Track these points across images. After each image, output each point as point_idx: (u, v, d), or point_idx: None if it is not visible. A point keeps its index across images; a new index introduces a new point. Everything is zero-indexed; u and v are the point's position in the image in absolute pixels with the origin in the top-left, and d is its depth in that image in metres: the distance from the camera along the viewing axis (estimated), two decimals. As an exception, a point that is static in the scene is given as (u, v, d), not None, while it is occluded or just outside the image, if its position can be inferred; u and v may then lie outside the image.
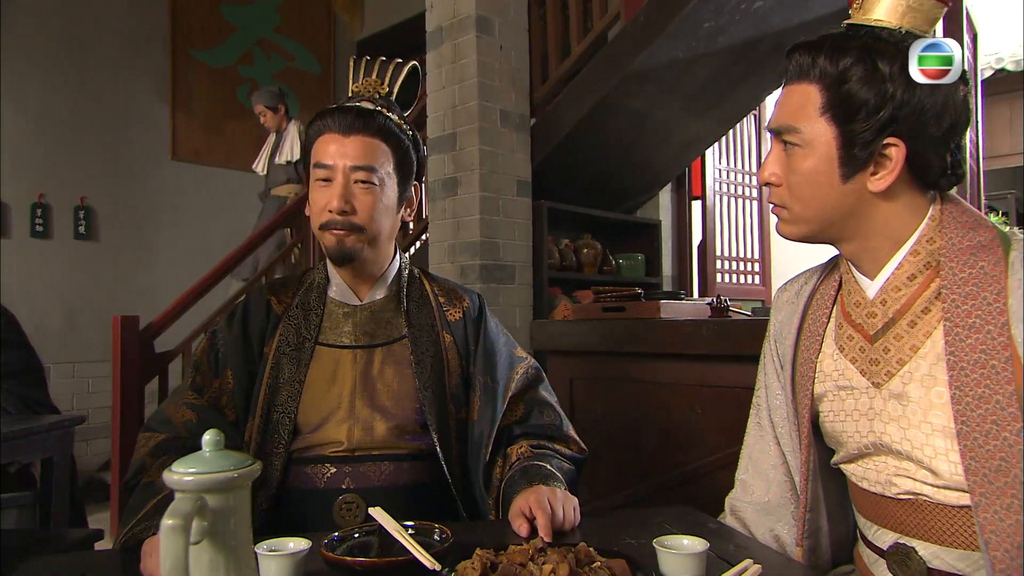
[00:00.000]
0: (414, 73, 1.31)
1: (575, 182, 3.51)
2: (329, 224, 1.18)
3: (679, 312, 2.05)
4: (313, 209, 1.21)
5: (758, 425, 1.13)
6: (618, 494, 2.11)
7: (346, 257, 1.19)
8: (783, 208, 0.97)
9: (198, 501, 0.48)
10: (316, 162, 1.19)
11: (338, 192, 1.16)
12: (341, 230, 1.17)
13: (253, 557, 0.55)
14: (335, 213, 1.17)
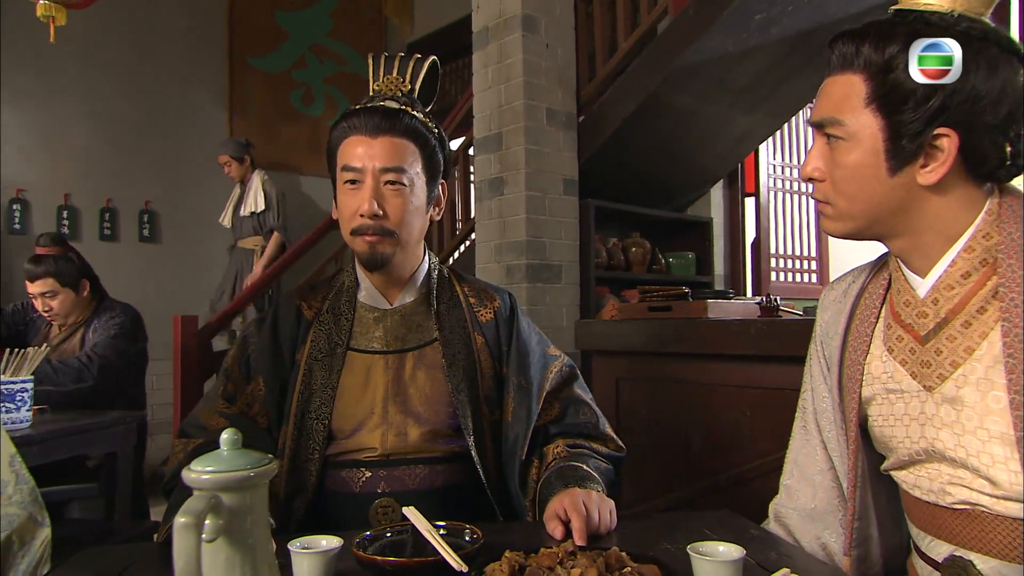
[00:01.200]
0: (433, 69, 1.28)
1: (623, 180, 3.47)
2: (361, 229, 1.16)
3: (727, 312, 2.00)
4: (343, 214, 1.19)
5: (804, 429, 1.09)
6: (664, 497, 2.07)
7: (379, 263, 1.18)
8: (827, 204, 0.93)
9: (212, 499, 0.49)
10: (344, 165, 1.17)
11: (368, 195, 1.14)
12: (373, 235, 1.15)
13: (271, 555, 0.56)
14: (367, 217, 1.15)
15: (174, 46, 5.00)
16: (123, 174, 4.74)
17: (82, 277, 2.57)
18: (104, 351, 2.48)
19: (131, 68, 4.80)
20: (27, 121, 4.47)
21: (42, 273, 2.48)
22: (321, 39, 5.76)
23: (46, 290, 2.49)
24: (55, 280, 2.49)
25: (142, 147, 4.82)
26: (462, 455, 1.18)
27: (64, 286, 2.51)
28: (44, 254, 2.55)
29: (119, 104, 4.75)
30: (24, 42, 4.28)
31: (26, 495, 0.89)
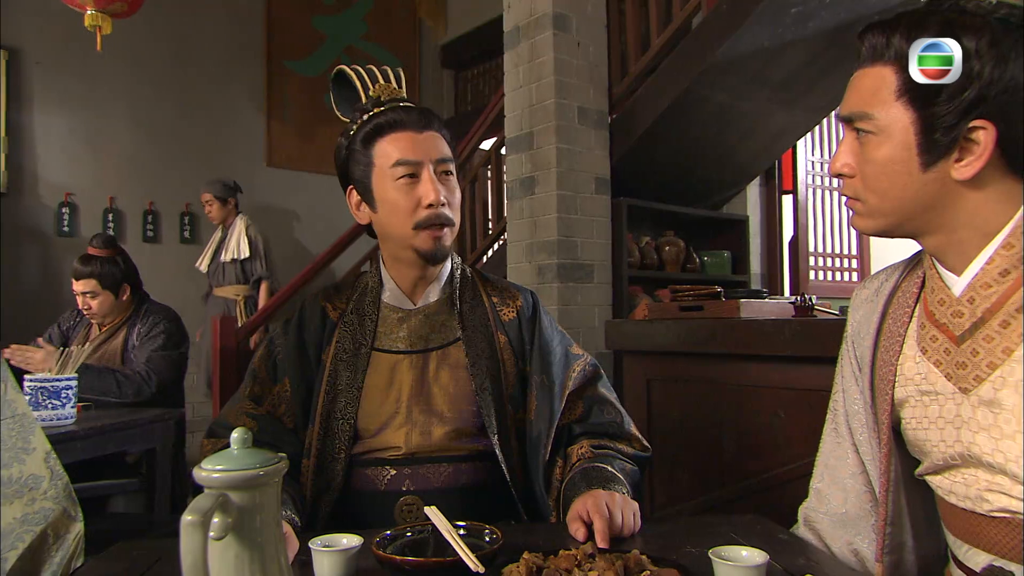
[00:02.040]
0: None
1: (656, 178, 3.44)
2: (427, 221, 1.14)
3: (760, 311, 1.96)
4: (401, 209, 1.15)
5: (835, 431, 1.06)
6: (695, 499, 2.04)
7: (442, 255, 1.18)
8: (857, 201, 0.91)
9: (220, 498, 0.49)
10: (400, 160, 1.15)
11: (433, 185, 1.14)
12: (441, 227, 1.15)
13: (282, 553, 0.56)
14: (435, 206, 1.14)
15: (214, 52, 5.12)
16: (165, 177, 4.87)
17: (123, 282, 2.64)
18: (159, 366, 2.57)
19: (173, 74, 4.93)
20: (75, 127, 4.62)
21: (86, 273, 2.57)
22: (356, 41, 5.83)
23: (87, 290, 2.57)
24: (97, 282, 2.57)
25: (183, 151, 4.94)
26: (486, 454, 1.18)
27: (104, 288, 2.58)
28: (93, 255, 2.63)
29: (162, 109, 4.88)
30: (72, 51, 4.42)
31: (60, 490, 0.92)
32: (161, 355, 2.59)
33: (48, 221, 4.52)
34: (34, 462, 0.89)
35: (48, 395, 2.05)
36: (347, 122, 1.24)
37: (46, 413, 2.04)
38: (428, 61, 6.28)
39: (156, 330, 2.63)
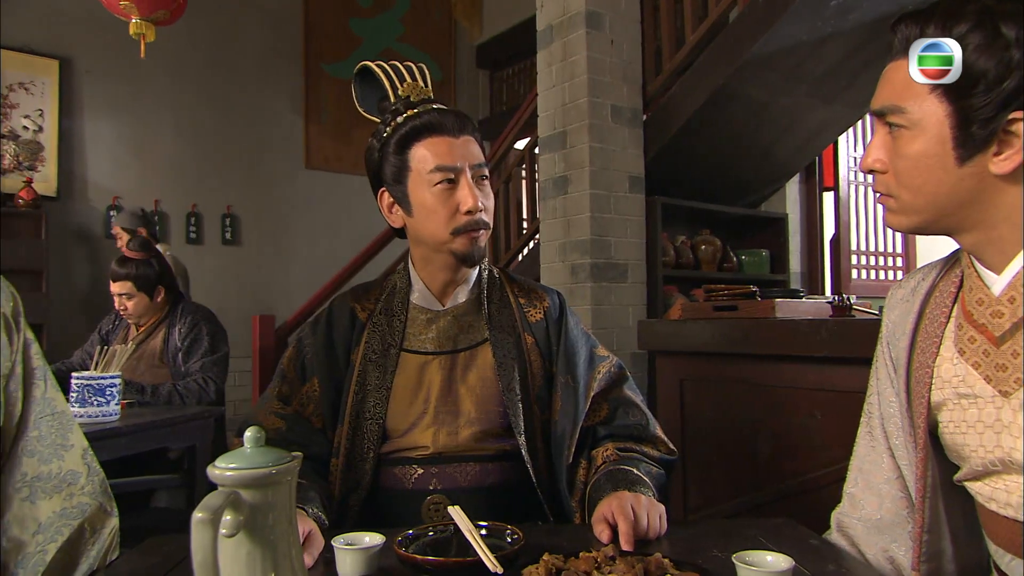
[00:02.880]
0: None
1: (692, 176, 3.39)
2: (467, 227, 1.15)
3: (796, 311, 1.92)
4: (439, 214, 1.15)
5: (869, 434, 1.03)
6: (730, 502, 2.01)
7: (478, 258, 1.19)
8: (890, 197, 0.88)
9: (231, 496, 0.50)
10: (438, 165, 1.14)
11: (472, 191, 1.14)
12: (478, 231, 1.16)
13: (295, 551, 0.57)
14: (475, 213, 1.14)
15: (254, 58, 5.22)
16: (207, 180, 4.99)
17: (158, 283, 2.70)
18: (214, 372, 2.67)
19: (214, 80, 5.05)
20: (122, 133, 4.76)
21: (123, 276, 2.64)
22: (393, 44, 5.89)
23: (123, 291, 2.65)
24: (132, 284, 2.64)
25: (224, 154, 5.06)
26: (513, 454, 1.18)
27: (139, 290, 2.66)
28: (128, 258, 2.71)
29: (203, 114, 5.00)
30: (119, 59, 4.56)
31: (97, 486, 0.94)
32: (212, 361, 2.68)
33: (96, 224, 4.67)
34: (72, 458, 0.92)
35: (93, 392, 2.11)
36: (373, 120, 1.25)
37: (92, 410, 2.10)
38: (463, 62, 6.31)
39: (198, 332, 2.70)
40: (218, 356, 2.71)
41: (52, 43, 4.56)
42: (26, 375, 0.89)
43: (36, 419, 0.88)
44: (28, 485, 0.86)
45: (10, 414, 0.86)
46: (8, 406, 0.85)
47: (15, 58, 4.49)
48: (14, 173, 4.48)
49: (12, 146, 4.50)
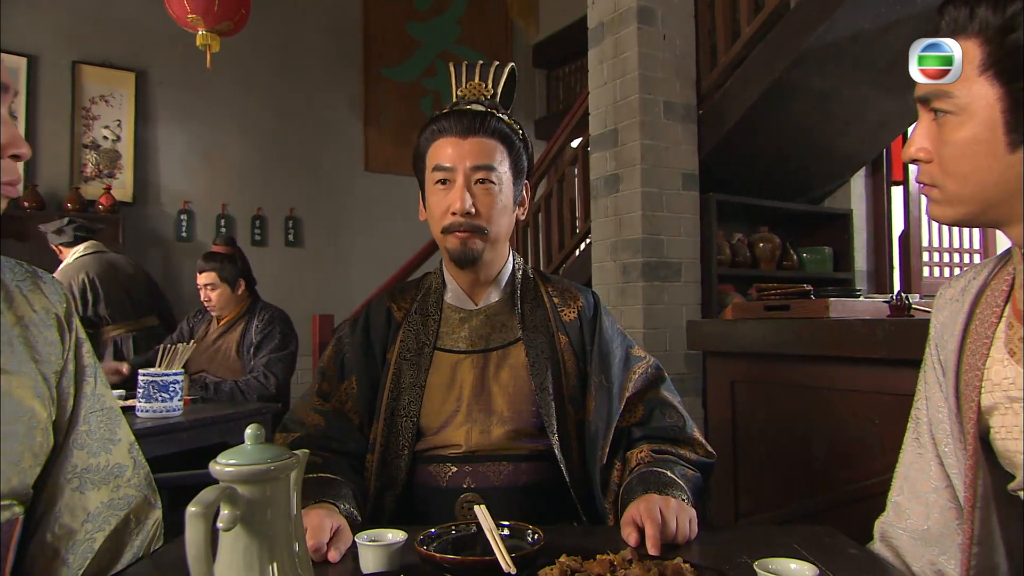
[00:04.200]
0: (512, 75, 1.31)
1: (749, 172, 3.30)
2: (452, 227, 1.18)
3: (852, 311, 1.84)
4: (433, 214, 1.21)
5: (916, 441, 0.98)
6: (782, 508, 1.94)
7: (469, 260, 1.20)
8: (934, 187, 0.83)
9: (226, 491, 0.52)
10: (436, 165, 1.19)
11: (460, 193, 1.16)
12: (465, 232, 1.17)
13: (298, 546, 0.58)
14: (459, 215, 1.16)
15: (315, 63, 5.37)
16: (271, 184, 5.16)
17: (239, 277, 2.90)
18: (276, 368, 2.81)
19: (278, 86, 5.22)
20: (192, 140, 4.97)
21: (208, 267, 2.86)
22: (450, 46, 5.95)
23: (208, 282, 2.86)
24: (216, 275, 2.85)
25: (287, 158, 5.22)
26: (547, 454, 1.17)
27: (223, 281, 2.86)
28: (215, 252, 2.93)
29: (267, 119, 5.17)
30: (189, 70, 4.76)
31: (142, 479, 0.98)
32: (277, 357, 2.82)
33: (168, 227, 4.89)
34: (119, 452, 0.96)
35: (158, 388, 2.21)
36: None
37: (156, 405, 2.20)
38: (520, 62, 6.30)
39: (272, 329, 2.86)
40: (284, 353, 2.84)
41: (129, 57, 4.80)
42: (77, 372, 0.93)
43: (86, 414, 0.93)
44: (78, 476, 0.90)
45: (62, 409, 0.90)
46: (61, 401, 0.90)
47: (96, 72, 4.75)
48: (95, 181, 4.74)
49: (93, 155, 4.76)
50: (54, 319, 0.91)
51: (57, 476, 0.89)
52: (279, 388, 2.79)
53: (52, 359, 0.88)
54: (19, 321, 0.86)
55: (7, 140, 0.78)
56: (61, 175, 4.64)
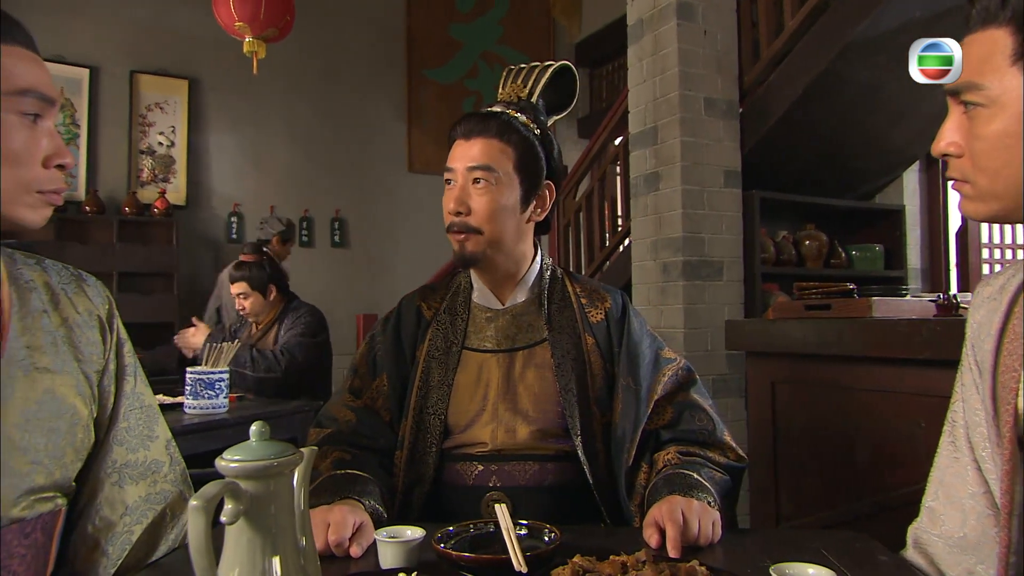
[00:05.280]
0: (563, 73, 1.30)
1: (794, 169, 3.23)
2: (450, 227, 1.21)
3: (897, 310, 1.78)
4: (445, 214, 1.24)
5: (952, 444, 0.94)
6: (825, 512, 1.89)
7: (467, 260, 1.21)
8: (966, 183, 0.80)
9: (228, 485, 0.53)
10: (445, 167, 1.23)
11: (455, 194, 1.19)
12: (460, 233, 1.19)
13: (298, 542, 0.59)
14: (452, 214, 1.19)
15: (359, 66, 5.47)
16: (317, 186, 5.28)
17: (270, 283, 2.94)
18: (292, 349, 2.82)
19: (323, 90, 5.33)
20: (241, 144, 5.12)
21: (239, 277, 2.89)
22: (492, 47, 5.98)
23: (240, 292, 2.90)
24: (247, 284, 2.89)
25: (333, 161, 5.33)
26: (572, 455, 1.17)
27: (254, 289, 2.90)
28: (244, 261, 2.97)
29: (314, 123, 5.29)
30: (239, 76, 4.90)
31: (178, 475, 1.02)
32: (297, 340, 2.85)
33: (219, 229, 5.04)
34: (157, 449, 1.00)
35: (204, 386, 2.28)
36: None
37: (202, 402, 2.27)
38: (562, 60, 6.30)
39: (299, 321, 2.92)
40: (307, 340, 2.86)
41: (182, 65, 4.97)
42: (118, 371, 0.97)
43: (126, 411, 0.96)
44: (117, 471, 0.94)
45: (103, 407, 0.94)
46: (102, 399, 0.94)
47: (152, 81, 4.93)
48: (151, 185, 4.92)
49: (149, 160, 4.95)
50: (96, 320, 0.95)
51: (98, 471, 0.93)
52: (290, 369, 2.78)
53: (94, 359, 0.92)
54: (64, 322, 0.90)
55: (53, 150, 0.82)
56: (120, 180, 4.83)
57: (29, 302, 0.87)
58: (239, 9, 3.43)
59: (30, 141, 0.79)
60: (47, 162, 0.81)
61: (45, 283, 0.91)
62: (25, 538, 0.80)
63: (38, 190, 0.80)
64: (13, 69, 0.77)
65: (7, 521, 0.78)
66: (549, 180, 1.26)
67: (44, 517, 0.83)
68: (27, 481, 0.80)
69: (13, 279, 0.87)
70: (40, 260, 0.93)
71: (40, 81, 0.80)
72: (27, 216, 0.81)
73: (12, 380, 0.80)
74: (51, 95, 0.81)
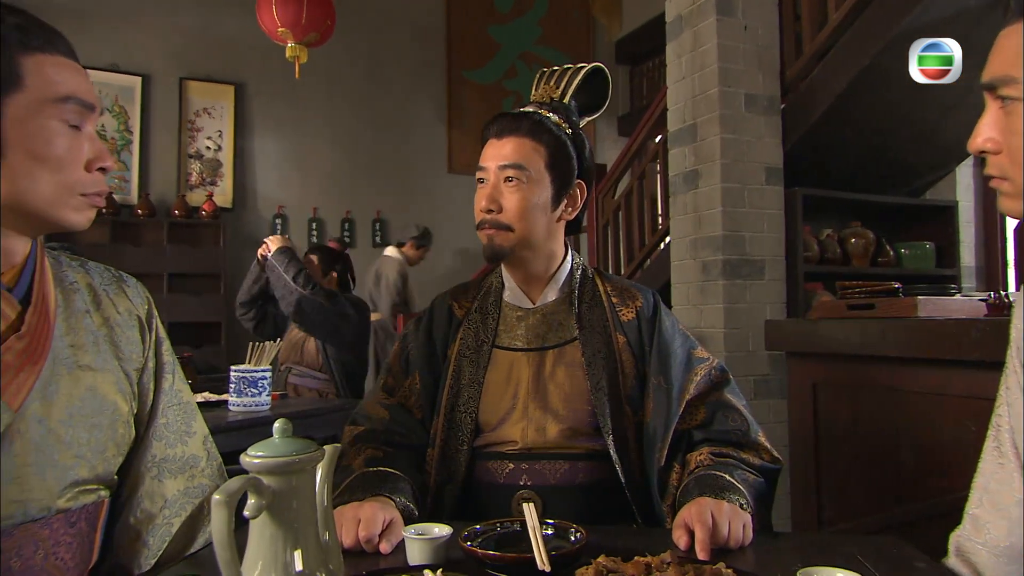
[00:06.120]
0: (595, 74, 1.31)
1: (838, 165, 3.15)
2: (481, 223, 1.22)
3: (944, 310, 1.72)
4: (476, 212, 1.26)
5: (997, 450, 0.91)
6: (869, 517, 1.84)
7: (495, 255, 1.22)
8: (1004, 180, 0.78)
9: (251, 481, 0.55)
10: (477, 167, 1.25)
11: (487, 192, 1.21)
12: (491, 229, 1.21)
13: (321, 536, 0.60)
14: (483, 212, 1.21)
15: (399, 69, 5.53)
16: (359, 188, 5.36)
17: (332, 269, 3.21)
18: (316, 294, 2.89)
19: (365, 93, 5.41)
20: (285, 147, 5.23)
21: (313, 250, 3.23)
22: (531, 47, 5.98)
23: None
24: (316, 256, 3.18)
25: (374, 162, 5.40)
26: (604, 454, 1.16)
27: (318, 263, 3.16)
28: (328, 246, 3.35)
29: (355, 126, 5.37)
30: (282, 81, 5.01)
31: (215, 470, 1.05)
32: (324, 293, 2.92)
33: (264, 231, 5.16)
34: (194, 444, 1.03)
35: (248, 384, 2.34)
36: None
37: (246, 400, 2.33)
38: (602, 59, 6.26)
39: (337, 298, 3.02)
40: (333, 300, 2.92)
41: (228, 71, 5.11)
42: (157, 369, 1.00)
43: (164, 408, 1.00)
44: (156, 465, 0.97)
45: (143, 403, 0.98)
46: (141, 396, 0.97)
47: (200, 87, 5.07)
48: (199, 188, 5.07)
49: (197, 165, 5.09)
50: (136, 320, 0.98)
51: (138, 465, 0.96)
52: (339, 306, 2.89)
53: (134, 357, 0.96)
54: (105, 322, 0.93)
55: (95, 154, 0.85)
56: (169, 184, 4.99)
57: (73, 303, 0.91)
58: (281, 15, 3.51)
59: (73, 146, 0.82)
60: (89, 166, 0.85)
61: (88, 284, 0.94)
62: (71, 527, 0.84)
63: (82, 193, 0.84)
64: (55, 77, 0.80)
65: (54, 511, 0.81)
66: (580, 180, 1.26)
67: (88, 508, 0.86)
68: (71, 474, 0.83)
69: (58, 281, 0.90)
70: (83, 262, 0.97)
71: (80, 88, 0.83)
72: (72, 218, 0.84)
73: (57, 378, 0.84)
74: (91, 101, 0.84)
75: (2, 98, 0.77)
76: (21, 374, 0.80)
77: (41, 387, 0.82)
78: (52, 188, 0.81)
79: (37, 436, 0.80)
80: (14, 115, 0.77)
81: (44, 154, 0.79)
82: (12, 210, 0.80)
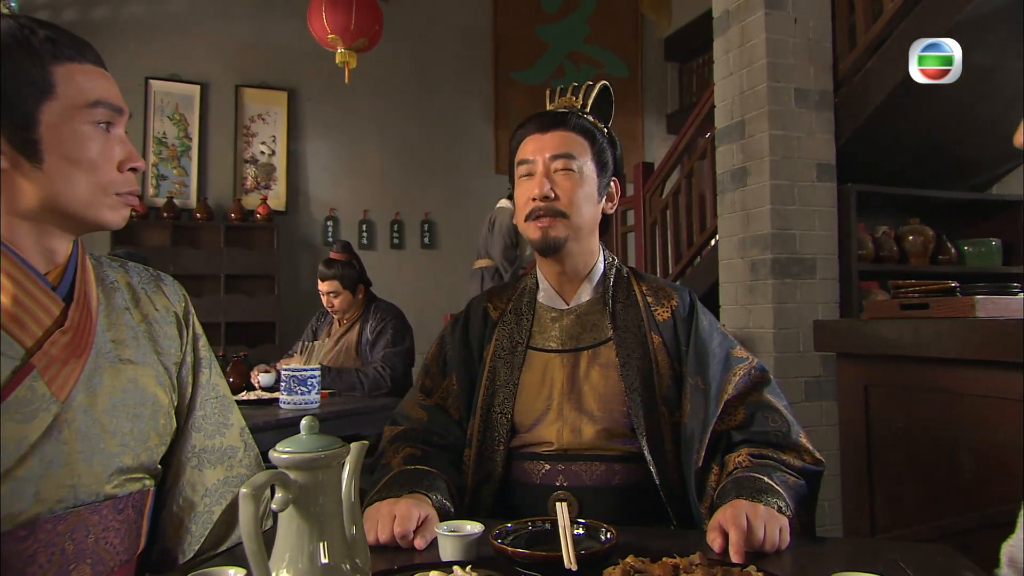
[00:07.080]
0: (605, 92, 1.32)
1: (895, 160, 3.04)
2: (533, 212, 1.20)
3: (1004, 310, 1.65)
4: (518, 204, 1.26)
5: (1052, 455, 0.87)
6: (924, 525, 1.78)
7: (551, 246, 1.21)
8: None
9: (278, 475, 0.57)
10: (520, 160, 1.24)
11: (539, 180, 1.20)
12: (546, 217, 1.19)
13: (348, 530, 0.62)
14: (538, 200, 1.19)
15: (447, 71, 5.59)
16: (408, 189, 5.44)
17: (359, 282, 3.03)
18: (392, 363, 2.93)
19: (414, 96, 5.48)
20: (336, 151, 5.34)
21: (331, 276, 2.99)
22: (579, 46, 5.96)
23: (331, 290, 2.99)
24: (339, 283, 2.98)
25: (423, 164, 5.47)
26: (640, 455, 1.15)
27: (345, 288, 2.99)
28: (334, 259, 3.05)
29: (404, 128, 5.45)
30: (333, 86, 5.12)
31: (252, 460, 1.09)
32: (392, 352, 2.94)
33: (316, 233, 5.28)
34: (232, 435, 1.07)
35: (297, 383, 2.40)
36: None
37: (296, 398, 2.39)
38: (650, 56, 6.21)
39: (385, 326, 2.99)
40: (398, 349, 2.95)
41: (281, 77, 5.25)
42: (195, 364, 1.05)
43: (202, 401, 1.04)
44: (196, 456, 1.01)
45: (182, 396, 1.02)
46: (180, 389, 1.02)
47: (254, 93, 5.23)
48: (254, 192, 5.22)
49: (252, 169, 5.25)
50: (173, 317, 1.03)
51: (180, 455, 1.00)
52: (395, 381, 2.88)
53: (172, 352, 1.00)
54: (144, 319, 0.98)
55: (126, 155, 0.89)
56: (226, 188, 5.15)
57: (113, 300, 0.95)
58: (331, 22, 3.59)
59: (104, 148, 0.87)
60: (121, 166, 0.89)
61: (127, 283, 0.99)
62: (119, 513, 0.88)
63: (115, 192, 0.88)
64: (84, 84, 0.85)
65: (102, 496, 0.86)
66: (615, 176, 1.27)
67: (134, 496, 0.91)
68: (117, 461, 0.88)
69: (100, 280, 0.95)
70: (123, 262, 1.02)
71: (109, 93, 0.87)
72: (108, 217, 0.89)
73: (100, 371, 0.88)
74: (119, 105, 0.89)
75: (39, 106, 0.81)
76: (67, 367, 0.84)
77: (86, 379, 0.86)
78: (88, 189, 0.85)
79: (83, 425, 0.85)
80: (49, 122, 0.82)
81: (78, 157, 0.84)
82: (52, 212, 0.85)
